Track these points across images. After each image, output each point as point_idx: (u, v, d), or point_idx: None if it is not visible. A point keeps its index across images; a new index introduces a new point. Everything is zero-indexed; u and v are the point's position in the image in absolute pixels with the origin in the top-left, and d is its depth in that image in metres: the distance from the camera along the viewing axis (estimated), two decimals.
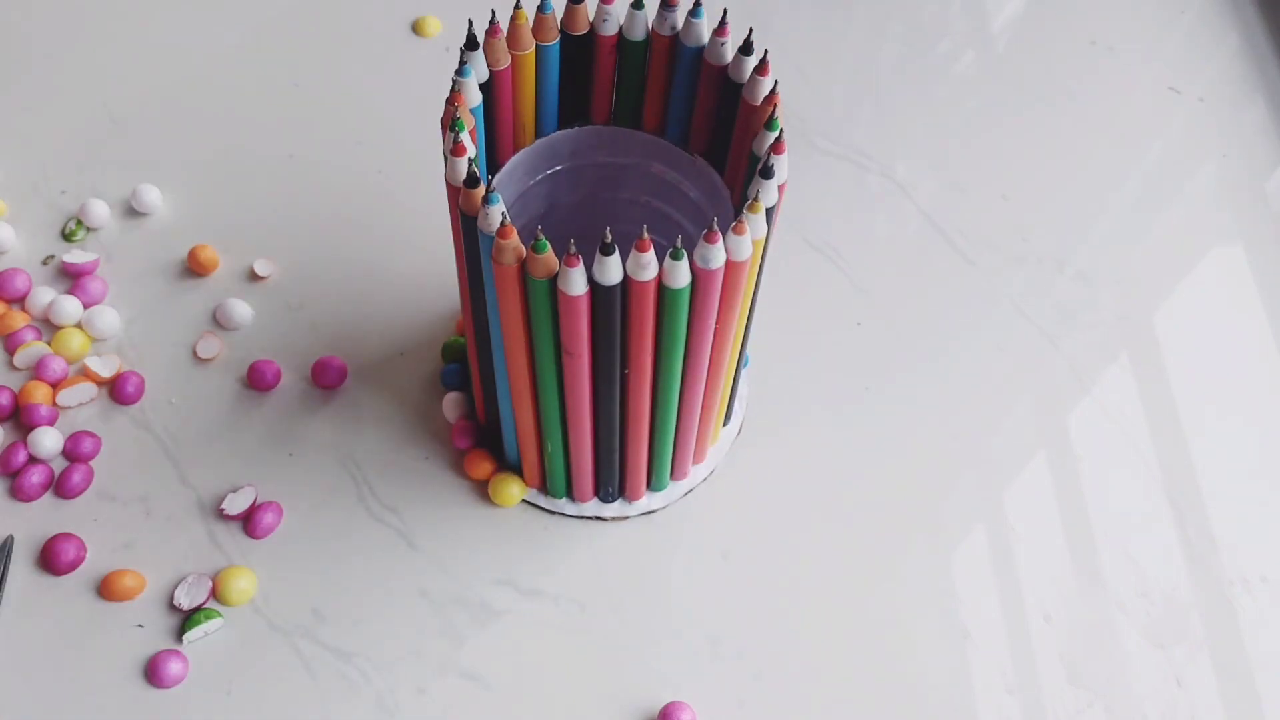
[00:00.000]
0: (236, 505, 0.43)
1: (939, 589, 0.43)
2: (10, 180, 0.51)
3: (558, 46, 0.36)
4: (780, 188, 0.33)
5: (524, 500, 0.44)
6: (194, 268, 0.49)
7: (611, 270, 0.31)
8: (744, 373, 0.46)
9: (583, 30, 0.36)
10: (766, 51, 0.34)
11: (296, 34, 0.57)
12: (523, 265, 0.32)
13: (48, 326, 0.47)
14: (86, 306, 0.47)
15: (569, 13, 0.35)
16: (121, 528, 0.43)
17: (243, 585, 0.41)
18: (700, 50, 0.35)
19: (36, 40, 0.55)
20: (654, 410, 0.38)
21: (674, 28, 0.35)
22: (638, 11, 0.35)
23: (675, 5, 0.35)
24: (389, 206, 0.51)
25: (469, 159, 0.32)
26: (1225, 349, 0.50)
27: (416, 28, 0.58)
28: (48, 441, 0.44)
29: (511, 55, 0.35)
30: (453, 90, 0.34)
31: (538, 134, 0.38)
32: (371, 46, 0.57)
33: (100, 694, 0.40)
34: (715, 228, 0.31)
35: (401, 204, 0.51)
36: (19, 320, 0.47)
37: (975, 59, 0.59)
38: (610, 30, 0.36)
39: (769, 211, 0.33)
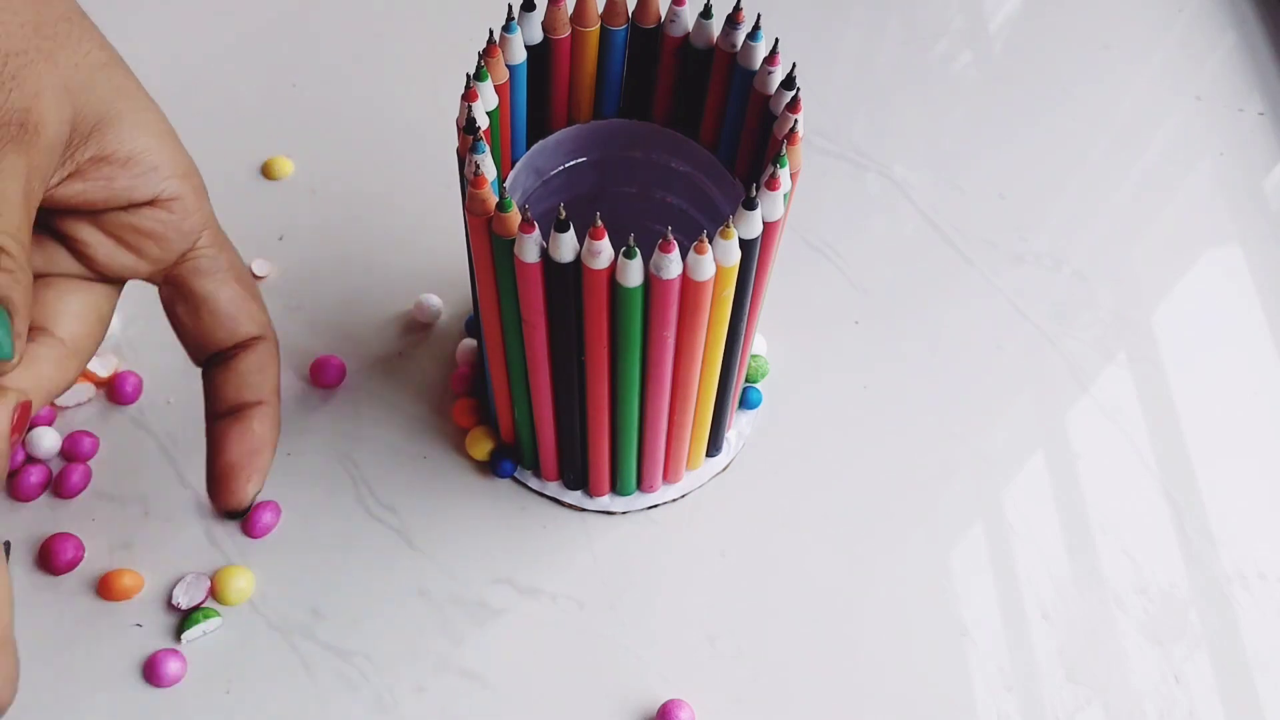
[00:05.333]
0: None
1: (937, 587, 0.43)
2: None
3: (624, 32, 0.36)
4: (769, 225, 0.33)
5: (524, 487, 0.44)
6: None
7: (565, 248, 0.32)
8: (748, 414, 0.46)
9: (651, 25, 0.36)
10: (799, 90, 0.34)
11: (296, 34, 0.57)
12: (489, 222, 0.32)
13: None
14: None
15: (640, 5, 0.36)
16: (120, 527, 0.43)
17: (241, 584, 0.41)
18: (752, 74, 0.35)
19: None
20: (613, 408, 0.38)
21: (734, 46, 0.35)
22: (706, 21, 0.35)
23: (740, 22, 0.35)
24: (388, 206, 0.51)
25: (471, 106, 0.32)
26: (1223, 347, 0.50)
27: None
28: (45, 441, 0.44)
29: (573, 29, 0.35)
30: (490, 43, 0.34)
31: (595, 118, 0.38)
32: (369, 45, 0.57)
33: (98, 693, 0.40)
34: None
35: (400, 205, 0.52)
36: None
37: (973, 59, 0.59)
38: (677, 32, 0.36)
39: (746, 243, 0.33)
